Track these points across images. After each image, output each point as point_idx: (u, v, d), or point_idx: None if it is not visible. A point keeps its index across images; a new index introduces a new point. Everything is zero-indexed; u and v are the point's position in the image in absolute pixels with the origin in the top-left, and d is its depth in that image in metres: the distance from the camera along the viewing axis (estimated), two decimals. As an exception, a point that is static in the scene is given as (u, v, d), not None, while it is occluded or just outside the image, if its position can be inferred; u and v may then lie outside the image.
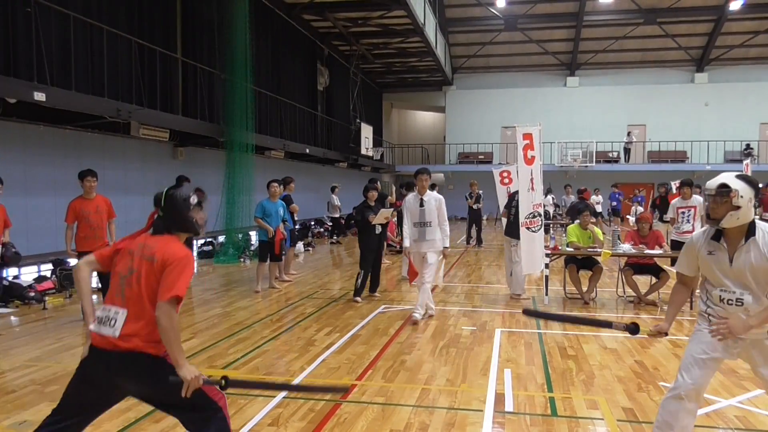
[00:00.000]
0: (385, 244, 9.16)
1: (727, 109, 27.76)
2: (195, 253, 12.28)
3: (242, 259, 12.94)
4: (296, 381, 4.96)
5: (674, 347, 6.07)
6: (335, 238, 18.02)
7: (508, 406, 4.41)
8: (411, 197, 7.31)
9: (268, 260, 9.25)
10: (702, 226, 8.72)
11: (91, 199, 7.07)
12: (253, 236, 13.11)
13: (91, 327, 2.75)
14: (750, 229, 3.08)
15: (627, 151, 27.85)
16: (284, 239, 9.26)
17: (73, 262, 7.66)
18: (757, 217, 11.85)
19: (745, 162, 17.18)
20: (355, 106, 22.76)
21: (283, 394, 4.60)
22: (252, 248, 13.07)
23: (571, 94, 29.21)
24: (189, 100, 13.14)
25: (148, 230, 2.91)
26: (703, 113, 28.02)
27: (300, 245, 14.66)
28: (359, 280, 8.45)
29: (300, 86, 19.75)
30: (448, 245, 7.28)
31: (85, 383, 2.75)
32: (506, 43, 27.93)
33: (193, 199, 2.87)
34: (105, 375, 2.69)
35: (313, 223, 19.28)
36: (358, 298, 8.44)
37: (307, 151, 18.24)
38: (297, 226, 12.94)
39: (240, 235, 13.41)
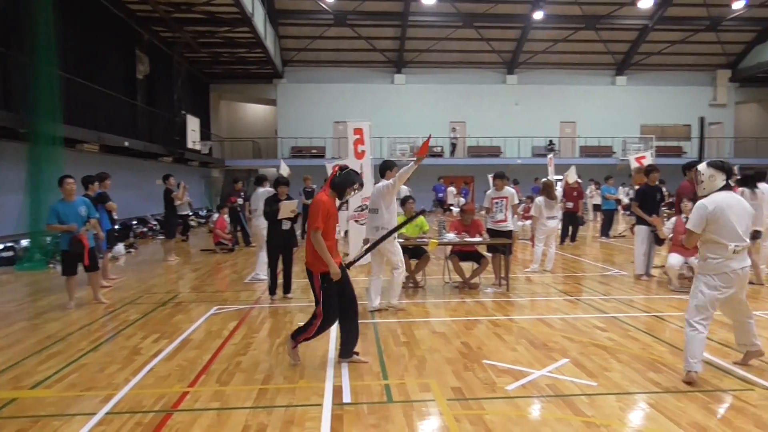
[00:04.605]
0: (296, 240, 8.74)
1: (533, 108, 30.82)
2: None
3: (52, 265, 11.61)
4: (121, 393, 4.56)
5: (495, 327, 6.59)
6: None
7: (346, 397, 4.46)
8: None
9: (85, 271, 8.16)
10: (513, 216, 9.63)
11: None
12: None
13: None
14: None
15: (454, 146, 29.76)
16: (90, 246, 8.02)
17: None
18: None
19: (549, 156, 19.16)
20: (180, 96, 21.53)
21: (105, 410, 4.21)
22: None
23: (399, 91, 30.43)
24: (-21, 85, 11.46)
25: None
26: (514, 112, 30.82)
27: (120, 247, 13.53)
28: (269, 279, 8.33)
29: (116, 74, 18.19)
30: None
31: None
32: (336, 38, 28.27)
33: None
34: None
35: (135, 222, 17.92)
36: (274, 296, 8.25)
37: (126, 144, 16.86)
38: (116, 227, 11.93)
39: (48, 239, 12.01)
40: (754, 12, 27.58)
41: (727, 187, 4.75)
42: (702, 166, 4.83)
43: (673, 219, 8.82)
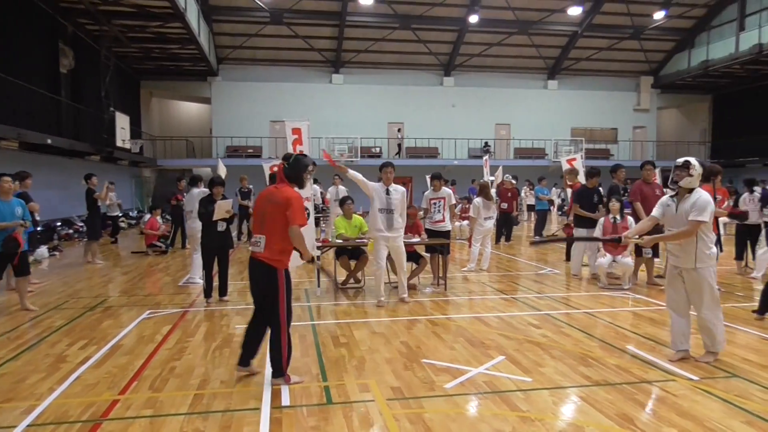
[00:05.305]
0: (233, 242, 8.46)
1: (469, 110, 31.40)
2: None
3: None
4: (45, 404, 4.33)
5: (433, 326, 6.66)
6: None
7: (285, 400, 4.40)
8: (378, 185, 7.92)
9: (14, 275, 7.73)
10: (451, 217, 9.76)
11: None
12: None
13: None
14: None
15: (399, 146, 29.89)
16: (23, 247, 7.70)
17: None
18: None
19: (484, 158, 19.52)
20: (108, 93, 20.65)
21: (26, 423, 3.99)
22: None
23: (337, 91, 30.31)
24: None
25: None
26: (451, 113, 31.30)
27: (43, 249, 12.88)
28: (204, 281, 8.11)
29: (37, 67, 17.23)
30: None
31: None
32: (273, 36, 27.87)
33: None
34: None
35: (59, 224, 17.07)
36: (209, 299, 8.03)
37: (49, 141, 16.00)
38: (39, 228, 11.33)
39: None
40: (673, 22, 29.17)
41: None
42: (696, 162, 5.13)
43: (601, 220, 9.17)
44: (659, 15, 27.91)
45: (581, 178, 12.33)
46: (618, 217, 8.94)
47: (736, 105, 31.84)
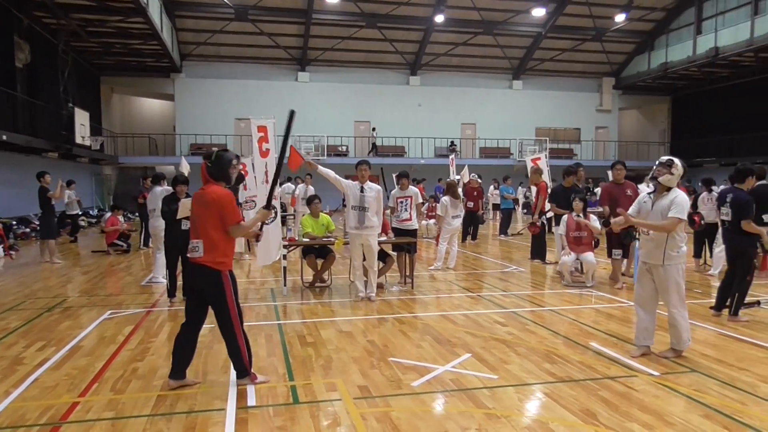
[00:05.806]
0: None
1: (436, 109, 31.58)
2: None
3: None
4: (0, 407, 4.19)
5: (400, 324, 6.68)
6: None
7: (251, 400, 4.35)
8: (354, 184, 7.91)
9: None
10: (418, 215, 9.79)
11: None
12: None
13: None
14: None
15: (374, 145, 29.85)
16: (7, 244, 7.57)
17: None
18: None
19: (450, 157, 19.67)
20: (67, 88, 20.08)
21: (-19, 428, 3.85)
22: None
23: (303, 89, 30.11)
24: None
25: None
26: (417, 112, 31.43)
27: (-2, 249, 12.46)
28: (168, 281, 7.98)
29: (-8, 61, 16.68)
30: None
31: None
32: (238, 33, 27.55)
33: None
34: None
35: (15, 222, 16.53)
36: (173, 299, 7.89)
37: (4, 138, 15.50)
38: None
39: None
40: (634, 25, 29.87)
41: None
42: (679, 163, 5.20)
43: (565, 217, 9.32)
44: (620, 17, 28.54)
45: (545, 178, 12.53)
46: (581, 215, 9.09)
47: (693, 106, 32.79)
